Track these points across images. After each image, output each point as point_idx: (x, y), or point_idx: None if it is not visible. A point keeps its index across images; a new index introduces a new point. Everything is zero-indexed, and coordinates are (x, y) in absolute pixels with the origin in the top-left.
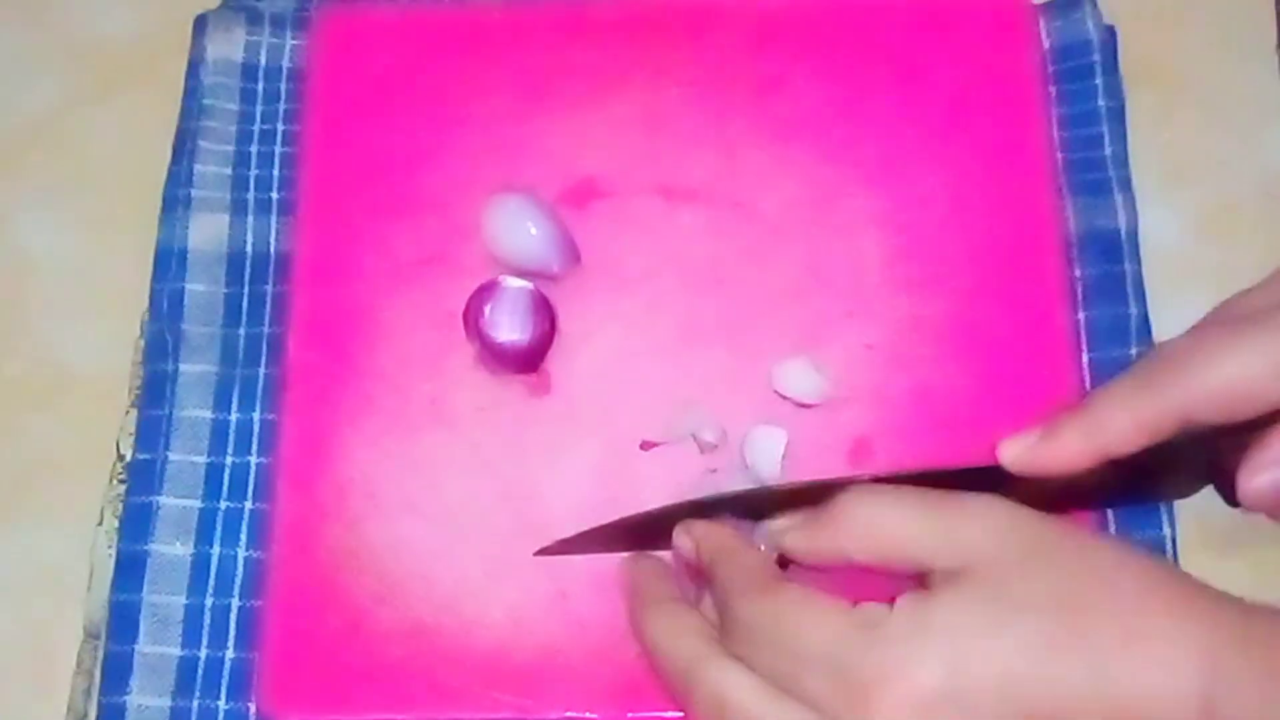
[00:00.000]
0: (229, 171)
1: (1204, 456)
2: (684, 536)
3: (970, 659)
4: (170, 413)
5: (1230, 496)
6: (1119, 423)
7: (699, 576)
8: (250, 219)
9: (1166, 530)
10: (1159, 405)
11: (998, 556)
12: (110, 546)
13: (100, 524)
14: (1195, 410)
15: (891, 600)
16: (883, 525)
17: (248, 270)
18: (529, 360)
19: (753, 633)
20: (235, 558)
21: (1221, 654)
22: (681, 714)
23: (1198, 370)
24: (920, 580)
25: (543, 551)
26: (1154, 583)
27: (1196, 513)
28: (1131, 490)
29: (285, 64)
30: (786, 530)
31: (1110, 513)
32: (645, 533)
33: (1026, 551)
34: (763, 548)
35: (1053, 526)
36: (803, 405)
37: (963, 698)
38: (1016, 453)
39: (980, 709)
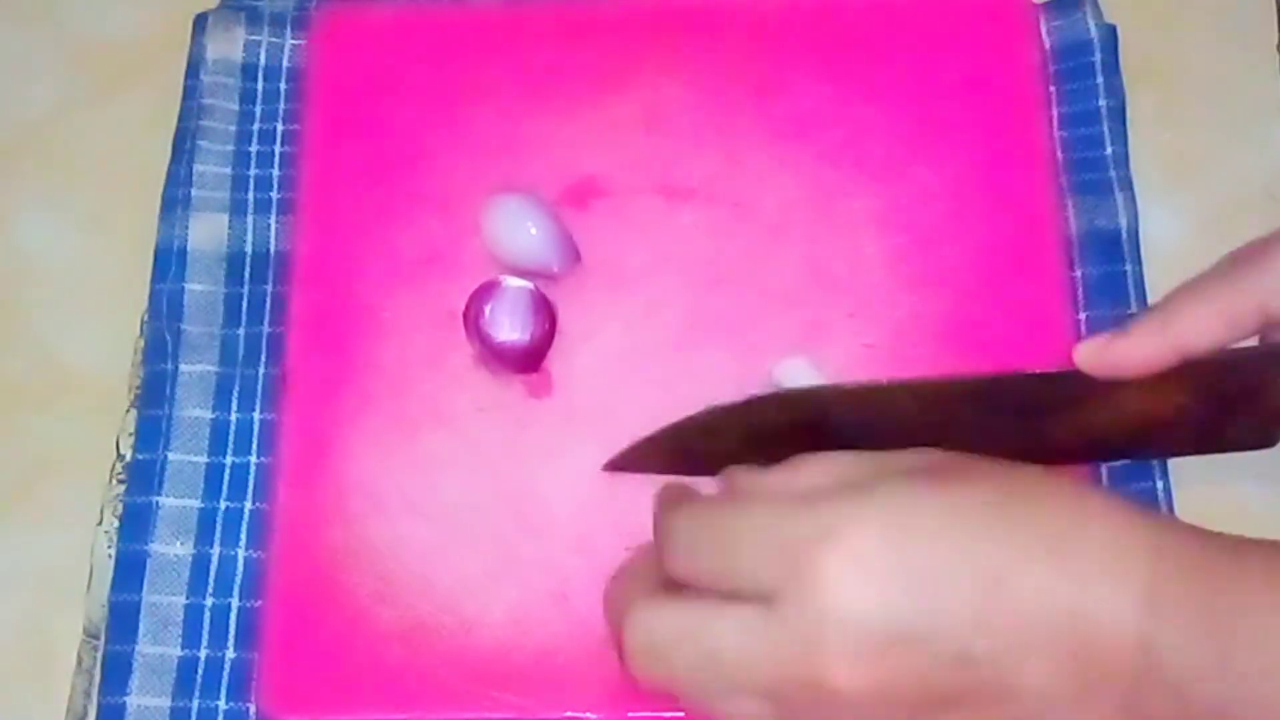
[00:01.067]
0: (228, 171)
1: None
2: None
3: (910, 517)
4: (170, 413)
5: None
6: (1196, 315)
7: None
8: (250, 219)
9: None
10: (1236, 297)
11: (941, 462)
12: (110, 546)
13: (100, 524)
14: (1271, 301)
15: None
16: (832, 461)
17: (247, 270)
18: (529, 360)
19: (691, 536)
20: (235, 558)
21: (1161, 582)
22: (681, 713)
23: (1273, 260)
24: None
25: (610, 466)
26: (1097, 504)
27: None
28: (1210, 429)
29: (285, 64)
30: (741, 473)
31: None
32: (705, 447)
33: (966, 463)
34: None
35: (994, 461)
36: None
37: (903, 556)
38: (1092, 350)
39: (921, 568)
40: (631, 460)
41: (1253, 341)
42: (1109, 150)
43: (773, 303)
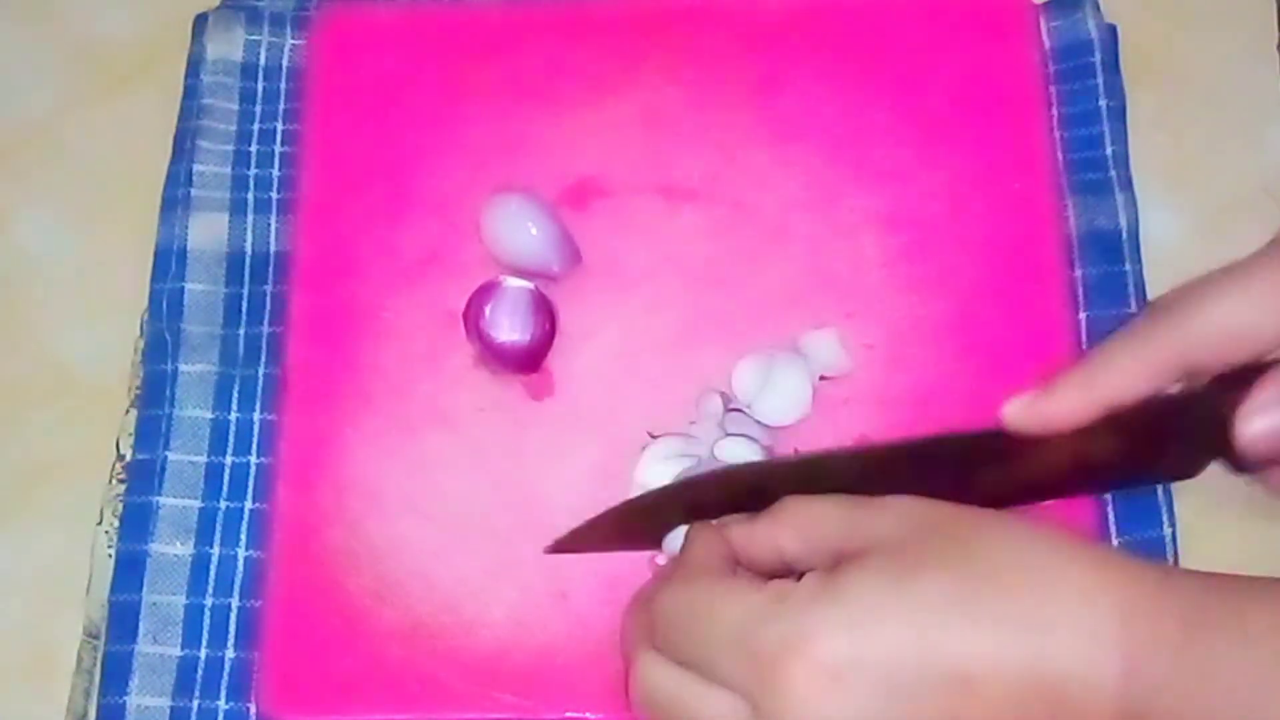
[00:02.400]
0: (228, 171)
1: (1209, 426)
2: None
3: (875, 622)
4: (170, 413)
5: (1235, 463)
6: (1118, 370)
7: None
8: (250, 219)
9: (1166, 530)
10: (1157, 350)
11: (904, 535)
12: (110, 546)
13: (100, 524)
14: (1192, 353)
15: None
16: (810, 515)
17: (247, 270)
18: (529, 360)
19: (670, 621)
20: (235, 558)
21: (1138, 620)
22: None
23: (1192, 313)
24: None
25: (552, 549)
26: (1065, 551)
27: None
28: (1139, 466)
29: (285, 64)
30: (731, 523)
31: (1110, 512)
32: (646, 526)
33: (931, 528)
34: (660, 560)
35: (964, 510)
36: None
37: (871, 664)
38: (1019, 409)
39: (890, 674)
40: (574, 542)
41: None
42: (1109, 150)
43: (773, 303)
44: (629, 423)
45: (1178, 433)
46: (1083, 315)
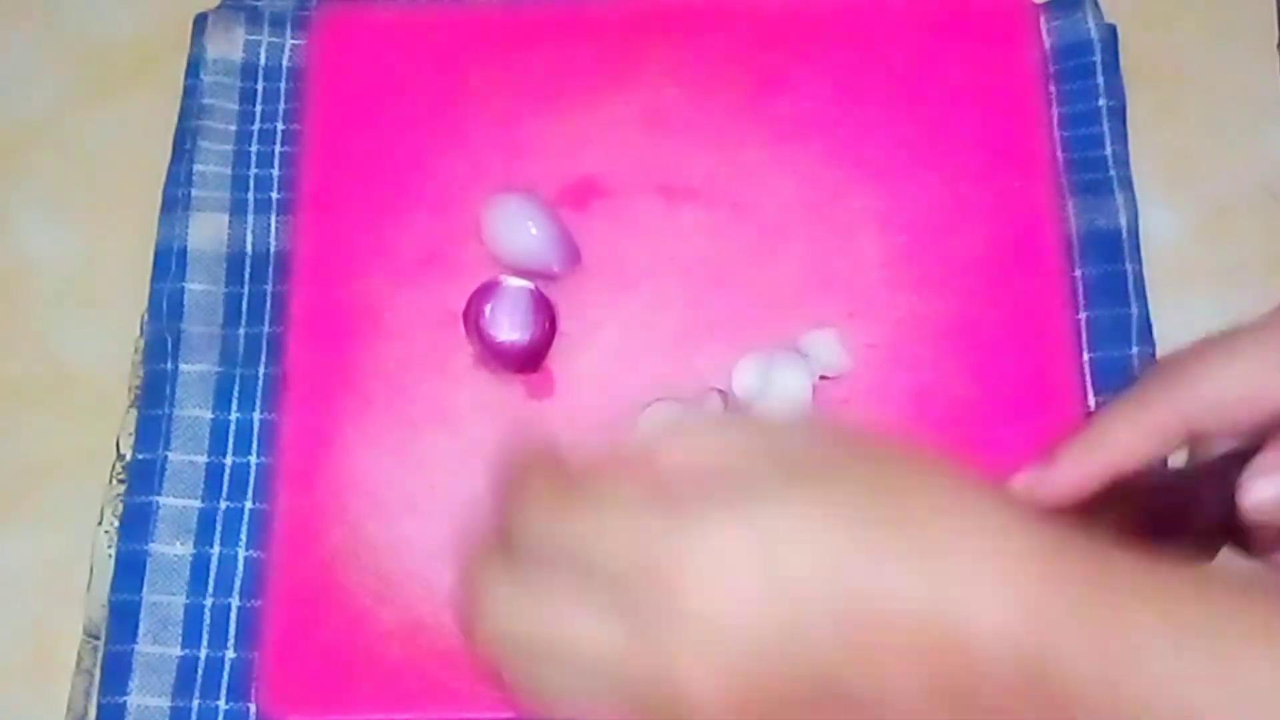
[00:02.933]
0: (229, 171)
1: (1218, 503)
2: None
3: (778, 519)
4: (170, 412)
5: (1245, 542)
6: (1121, 435)
7: None
8: (250, 219)
9: None
10: (1160, 414)
11: (817, 449)
12: (110, 546)
13: (100, 524)
14: (1197, 417)
15: None
16: (702, 445)
17: (247, 270)
18: (529, 360)
19: (550, 513)
20: (235, 558)
21: (1050, 592)
22: None
23: (1196, 377)
24: None
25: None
26: (973, 493)
27: None
28: (1151, 544)
29: (285, 63)
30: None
31: None
32: None
33: (844, 454)
34: None
35: (874, 437)
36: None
37: (771, 566)
38: (1025, 483)
39: (789, 578)
40: None
41: (1183, 456)
42: (1109, 150)
43: (773, 303)
44: (629, 422)
45: (1185, 513)
46: (1083, 315)
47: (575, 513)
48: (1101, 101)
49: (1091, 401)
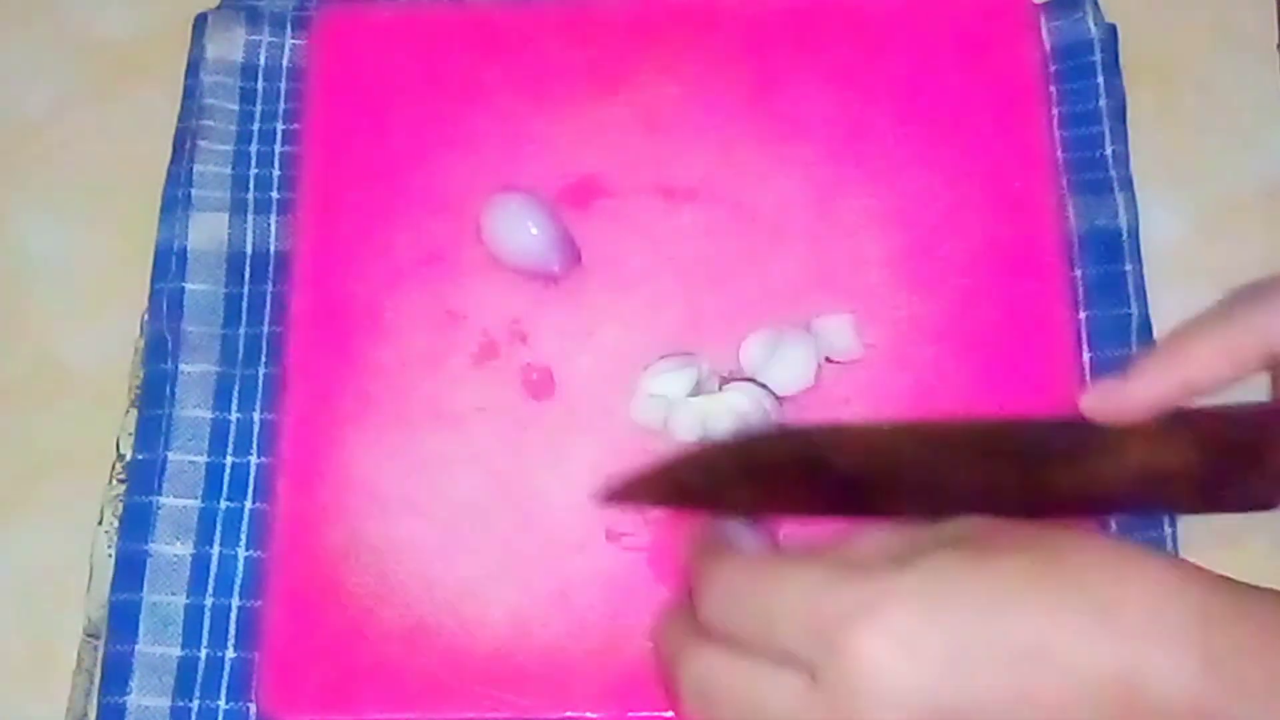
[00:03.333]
0: (229, 171)
1: None
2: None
3: (951, 592)
4: (170, 412)
5: None
6: (1199, 353)
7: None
8: (250, 219)
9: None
10: (1239, 333)
11: (979, 531)
12: (110, 546)
13: (100, 524)
14: (1277, 338)
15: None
16: (880, 536)
17: (247, 270)
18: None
19: (723, 600)
20: (235, 558)
21: (1217, 622)
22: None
23: (1276, 298)
24: None
25: (604, 498)
26: (1141, 553)
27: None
28: (1215, 486)
29: (285, 63)
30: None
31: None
32: (701, 482)
33: (1005, 533)
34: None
35: (1026, 523)
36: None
37: (944, 634)
38: (1097, 398)
39: (963, 647)
40: (625, 493)
41: (1263, 387)
42: (1109, 150)
43: (773, 302)
44: (629, 423)
45: (1256, 452)
46: (1083, 315)
47: (760, 585)
48: (1102, 101)
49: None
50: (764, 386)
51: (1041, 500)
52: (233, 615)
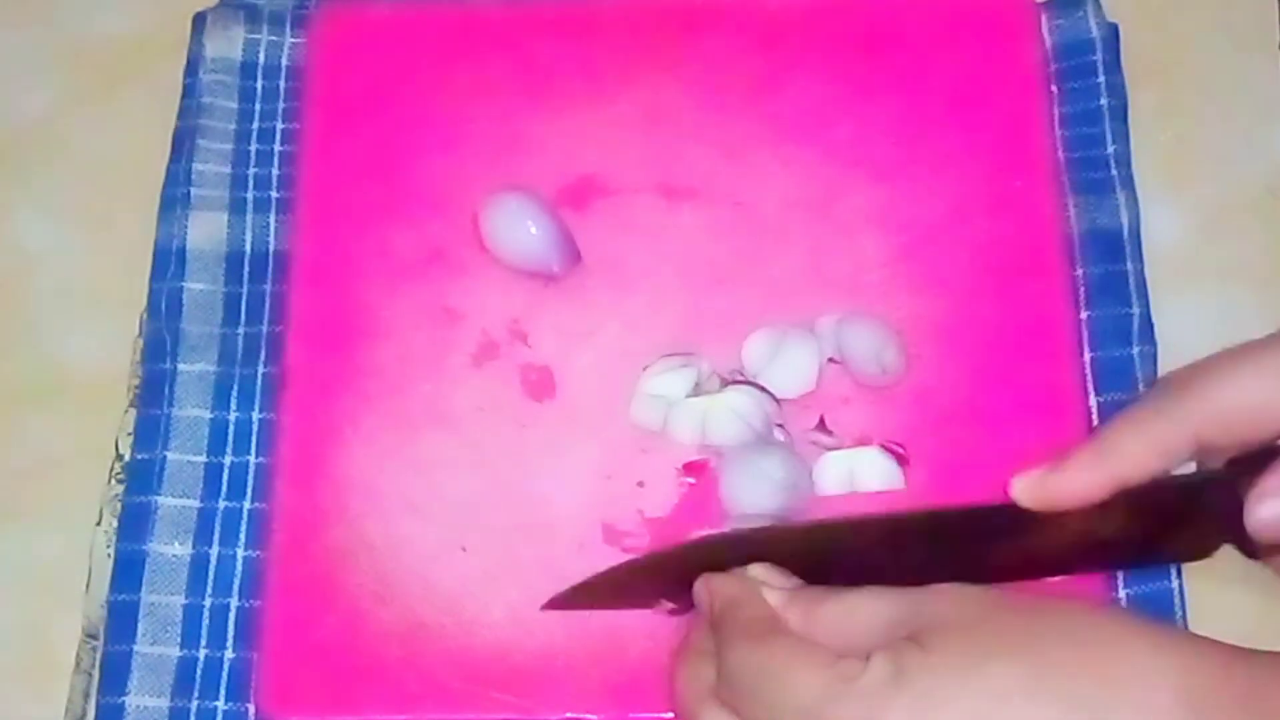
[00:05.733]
0: (228, 170)
1: (1222, 508)
2: (702, 589)
3: (940, 707)
4: (169, 412)
5: (1246, 547)
6: (1130, 447)
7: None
8: (249, 218)
9: (1174, 583)
10: (1168, 427)
11: (964, 615)
12: (109, 546)
13: (99, 524)
14: (1204, 431)
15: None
16: (855, 615)
17: (246, 269)
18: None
19: (740, 682)
20: (234, 558)
21: (1200, 699)
22: None
23: (1205, 390)
24: None
25: (550, 605)
26: (1128, 634)
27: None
28: (1151, 546)
29: (284, 62)
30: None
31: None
32: (649, 586)
33: (991, 609)
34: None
35: (1016, 595)
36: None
37: None
38: (1028, 485)
39: None
40: (570, 602)
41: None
42: (1110, 149)
43: (773, 302)
44: (629, 423)
45: (1190, 514)
46: (1084, 315)
47: (766, 677)
48: (1103, 100)
49: (1092, 401)
50: (764, 390)
51: (984, 575)
52: (231, 615)
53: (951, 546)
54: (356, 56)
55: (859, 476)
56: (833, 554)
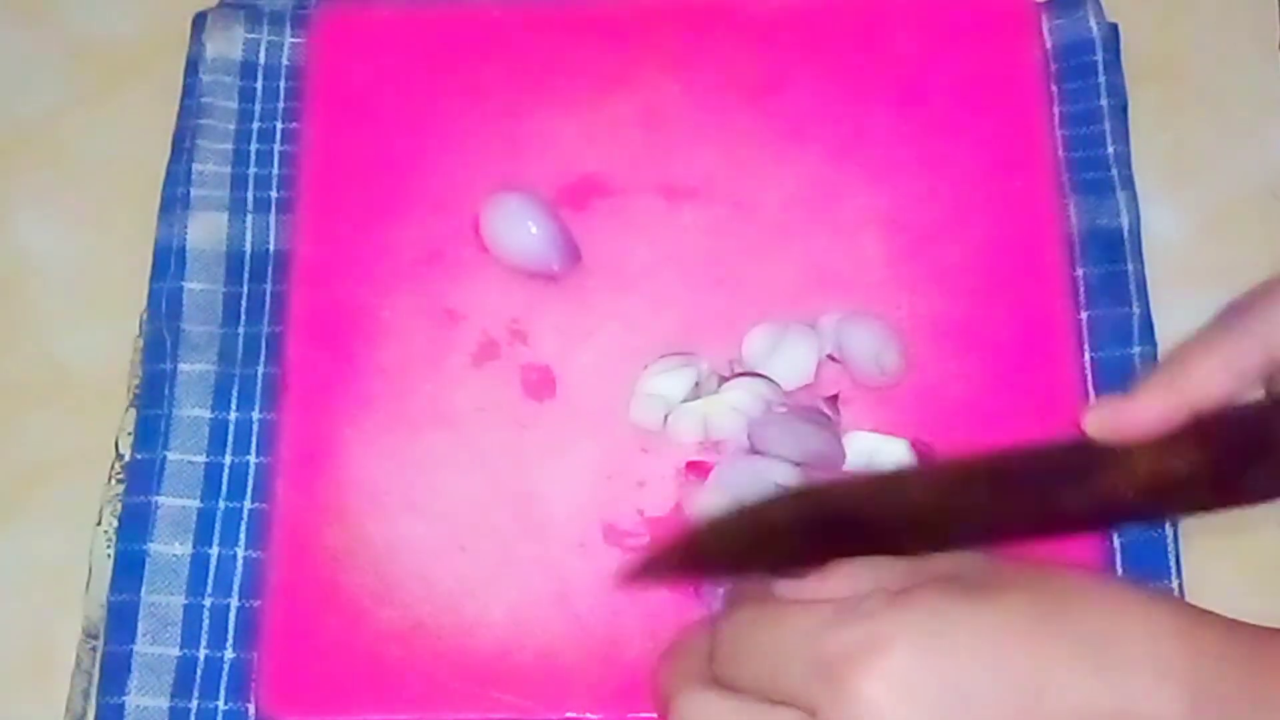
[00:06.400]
0: (228, 170)
1: None
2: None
3: (950, 632)
4: (169, 412)
5: None
6: (1201, 370)
7: None
8: (249, 218)
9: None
10: (1239, 346)
11: (970, 568)
12: (109, 546)
13: (99, 524)
14: (1275, 350)
15: None
16: (865, 565)
17: (246, 269)
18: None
19: (735, 644)
20: (234, 558)
21: (1204, 661)
22: None
23: (1274, 307)
24: None
25: (626, 578)
26: (1131, 592)
27: None
28: (1224, 483)
29: (284, 62)
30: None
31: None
32: (718, 550)
33: (998, 566)
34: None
35: (1025, 563)
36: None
37: (945, 673)
38: (1099, 415)
39: (963, 686)
40: (646, 569)
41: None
42: (1110, 149)
43: (772, 302)
44: (629, 422)
45: (1263, 446)
46: (1084, 315)
47: (761, 631)
48: (1103, 100)
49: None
50: (765, 377)
51: (1053, 522)
52: (231, 615)
53: (1020, 491)
54: (356, 56)
55: (877, 463)
56: (898, 506)
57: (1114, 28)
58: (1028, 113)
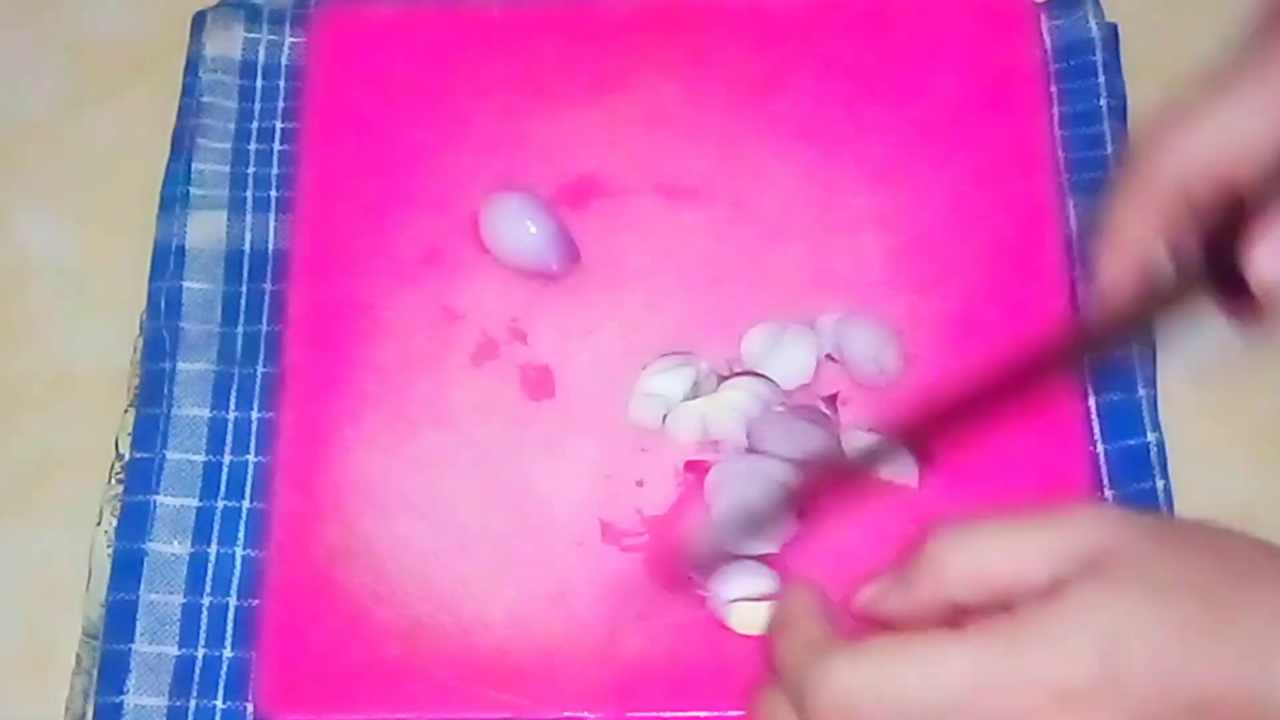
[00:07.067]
0: (227, 169)
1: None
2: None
3: (1126, 645)
4: (168, 411)
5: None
6: (1133, 226)
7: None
8: (249, 217)
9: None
10: (1160, 189)
11: (1128, 545)
12: (109, 546)
13: (99, 524)
14: (1193, 184)
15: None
16: (989, 560)
17: (246, 268)
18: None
19: (848, 702)
20: (233, 557)
21: None
22: (681, 713)
23: (1186, 143)
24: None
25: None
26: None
27: None
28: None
29: (284, 61)
30: (881, 598)
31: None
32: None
33: (1157, 539)
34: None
35: (1171, 519)
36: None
37: (1121, 688)
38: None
39: (1140, 700)
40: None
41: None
42: (1110, 149)
43: (772, 302)
44: (628, 422)
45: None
46: (1084, 315)
47: (872, 656)
48: (1102, 101)
49: (1091, 402)
50: (764, 377)
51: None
52: (230, 615)
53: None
54: (356, 56)
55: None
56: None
57: (1114, 28)
58: (1027, 113)
